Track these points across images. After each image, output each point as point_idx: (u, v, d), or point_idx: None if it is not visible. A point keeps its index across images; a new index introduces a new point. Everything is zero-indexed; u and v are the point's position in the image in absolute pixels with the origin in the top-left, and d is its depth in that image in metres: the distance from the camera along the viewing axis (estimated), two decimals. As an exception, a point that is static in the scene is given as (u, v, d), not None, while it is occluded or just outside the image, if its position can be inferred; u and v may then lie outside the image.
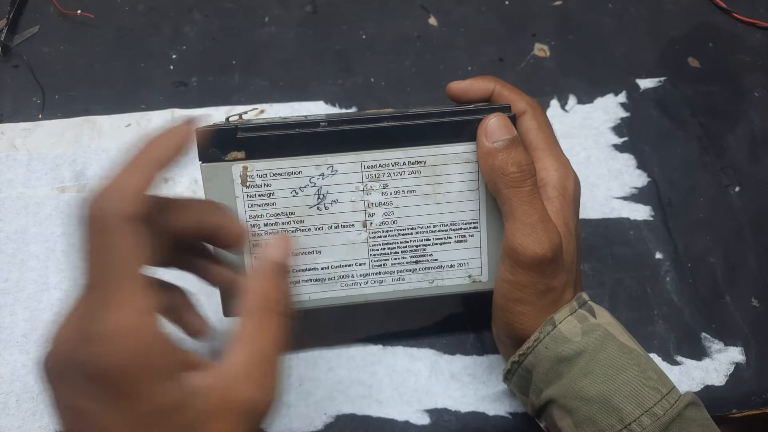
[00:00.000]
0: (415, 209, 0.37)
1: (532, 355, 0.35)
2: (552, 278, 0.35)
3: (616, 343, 0.35)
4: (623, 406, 0.33)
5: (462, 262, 0.39)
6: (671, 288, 0.47)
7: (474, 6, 0.60)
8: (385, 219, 0.37)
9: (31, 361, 0.43)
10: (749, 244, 0.49)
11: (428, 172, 0.37)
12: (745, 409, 0.43)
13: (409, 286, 0.39)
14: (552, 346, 0.34)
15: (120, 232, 0.25)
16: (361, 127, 0.35)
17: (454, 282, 0.39)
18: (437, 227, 0.38)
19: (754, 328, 0.46)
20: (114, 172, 0.27)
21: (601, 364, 0.34)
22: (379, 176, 0.36)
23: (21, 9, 0.57)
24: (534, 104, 0.39)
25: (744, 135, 0.54)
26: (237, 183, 0.35)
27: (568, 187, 0.37)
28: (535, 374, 0.35)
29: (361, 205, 0.37)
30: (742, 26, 0.59)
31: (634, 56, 0.57)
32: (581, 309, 0.36)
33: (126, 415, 0.24)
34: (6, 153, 0.50)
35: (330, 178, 0.36)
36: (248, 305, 0.29)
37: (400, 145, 0.36)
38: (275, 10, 0.59)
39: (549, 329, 0.34)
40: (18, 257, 0.46)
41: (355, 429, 0.41)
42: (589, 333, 0.34)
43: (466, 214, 0.38)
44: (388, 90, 0.55)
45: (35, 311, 0.44)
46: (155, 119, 0.52)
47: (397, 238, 0.38)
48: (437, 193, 0.37)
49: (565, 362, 0.34)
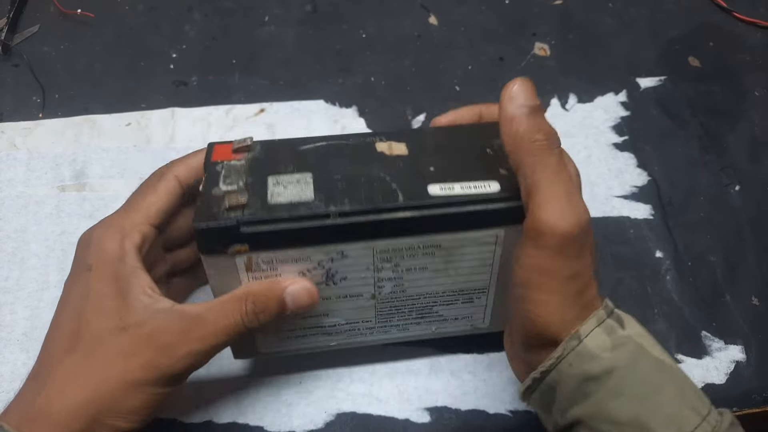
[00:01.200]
0: (425, 281, 0.36)
1: (555, 371, 0.31)
2: (577, 259, 0.31)
3: (649, 359, 0.31)
4: (661, 431, 0.29)
5: (466, 315, 0.39)
6: (671, 287, 0.47)
7: (474, 5, 0.60)
8: (395, 289, 0.36)
9: (32, 359, 0.43)
10: (749, 243, 0.49)
11: (442, 253, 0.35)
12: (746, 407, 0.43)
13: (413, 333, 0.40)
14: (577, 363, 0.30)
15: (165, 180, 0.35)
16: (374, 218, 0.32)
17: (456, 329, 0.40)
18: (446, 293, 0.38)
19: (754, 326, 0.45)
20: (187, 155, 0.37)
21: (633, 384, 0.30)
22: (391, 258, 0.34)
23: (21, 8, 0.57)
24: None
25: (744, 134, 0.54)
26: (241, 270, 0.33)
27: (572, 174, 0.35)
28: (559, 392, 0.31)
29: (371, 281, 0.35)
30: (742, 25, 0.59)
31: (634, 55, 0.57)
32: (609, 318, 0.31)
33: (86, 285, 0.33)
34: (6, 152, 0.50)
35: (340, 262, 0.34)
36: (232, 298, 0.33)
37: (414, 234, 0.33)
38: (275, 9, 0.59)
39: (574, 344, 0.30)
40: (18, 256, 0.46)
41: (355, 427, 0.41)
42: (619, 347, 0.31)
43: (477, 284, 0.37)
44: (388, 89, 0.55)
45: (35, 310, 0.44)
46: (155, 118, 0.52)
47: (405, 303, 0.37)
48: (449, 269, 0.36)
49: (593, 381, 0.30)
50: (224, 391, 0.42)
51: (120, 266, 0.32)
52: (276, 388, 0.42)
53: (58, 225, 0.47)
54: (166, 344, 0.31)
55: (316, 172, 0.34)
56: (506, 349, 0.36)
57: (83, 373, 0.31)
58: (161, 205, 0.35)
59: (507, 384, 0.43)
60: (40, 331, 0.43)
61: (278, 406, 0.42)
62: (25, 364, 0.42)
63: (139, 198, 0.35)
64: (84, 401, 0.30)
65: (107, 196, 0.48)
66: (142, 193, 0.35)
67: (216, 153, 0.35)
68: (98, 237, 0.33)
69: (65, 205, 0.48)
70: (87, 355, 0.31)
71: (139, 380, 0.31)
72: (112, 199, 0.48)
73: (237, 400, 0.42)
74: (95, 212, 0.48)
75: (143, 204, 0.35)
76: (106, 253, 0.33)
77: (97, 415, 0.30)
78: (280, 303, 0.33)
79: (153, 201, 0.35)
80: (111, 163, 0.50)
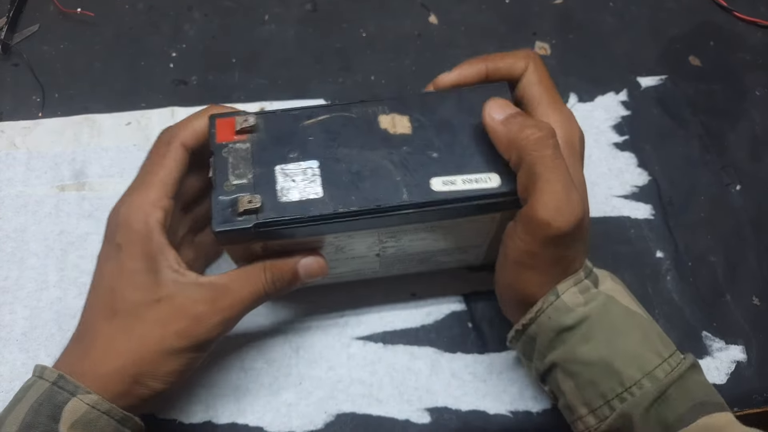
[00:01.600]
0: (426, 245, 0.39)
1: (535, 324, 0.35)
2: (567, 249, 0.34)
3: (618, 308, 0.34)
4: (624, 370, 0.33)
5: (462, 258, 0.42)
6: (672, 287, 0.47)
7: (474, 4, 0.60)
8: (398, 251, 0.39)
9: (31, 359, 0.43)
10: (750, 242, 0.49)
11: (443, 230, 0.37)
12: (747, 407, 0.43)
13: (412, 272, 0.43)
14: (555, 316, 0.34)
15: (173, 149, 0.36)
16: (380, 216, 0.34)
17: (452, 266, 0.44)
18: (444, 250, 0.40)
19: (755, 326, 0.45)
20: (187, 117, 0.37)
21: (602, 330, 0.34)
22: (394, 235, 0.37)
23: (21, 7, 0.57)
24: (532, 56, 0.38)
25: (745, 134, 0.54)
26: (258, 252, 0.36)
27: (574, 142, 0.36)
28: (539, 341, 0.35)
29: (375, 249, 0.39)
30: (743, 25, 0.59)
31: (634, 54, 0.57)
32: (587, 279, 0.35)
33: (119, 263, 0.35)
34: (6, 151, 0.50)
35: (346, 241, 0.37)
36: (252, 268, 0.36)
37: (417, 222, 0.36)
38: (275, 8, 0.58)
39: (552, 299, 0.34)
40: (17, 255, 0.46)
41: (355, 428, 0.41)
42: (590, 302, 0.34)
43: (473, 242, 0.40)
44: (388, 88, 0.55)
45: (35, 309, 0.44)
46: (155, 118, 0.52)
47: (406, 256, 0.40)
48: (448, 237, 0.39)
49: (568, 331, 0.34)
50: (224, 391, 0.42)
51: (148, 244, 0.34)
52: (276, 389, 0.42)
53: (58, 224, 0.47)
54: (198, 314, 0.34)
55: (322, 160, 0.35)
56: (497, 294, 0.38)
57: (124, 340, 0.34)
58: (175, 176, 0.36)
59: (507, 385, 0.43)
60: (40, 331, 0.43)
61: (278, 406, 0.42)
62: (25, 364, 0.42)
63: (152, 172, 0.36)
64: (125, 365, 0.33)
65: (107, 196, 0.48)
66: (154, 166, 0.36)
67: (219, 132, 0.36)
68: (125, 217, 0.35)
69: (65, 204, 0.48)
70: (126, 325, 0.34)
71: (174, 347, 0.34)
72: (112, 198, 0.47)
73: (237, 400, 0.42)
74: (95, 212, 0.48)
75: (157, 179, 0.36)
76: (133, 232, 0.35)
77: (138, 377, 0.34)
78: (294, 273, 0.37)
79: (167, 174, 0.36)
80: (110, 162, 0.50)
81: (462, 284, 0.46)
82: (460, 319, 0.45)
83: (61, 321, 0.44)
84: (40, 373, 0.33)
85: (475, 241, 0.40)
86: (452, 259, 0.42)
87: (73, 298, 0.44)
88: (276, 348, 0.43)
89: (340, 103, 0.37)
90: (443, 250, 0.40)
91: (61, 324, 0.44)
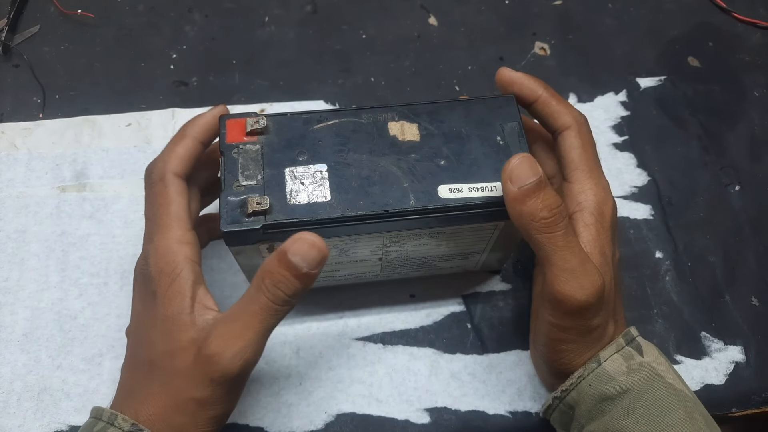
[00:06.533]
0: (428, 249, 0.39)
1: (575, 391, 0.34)
2: (594, 318, 0.34)
3: (662, 384, 0.33)
4: None
5: (461, 264, 0.43)
6: (671, 287, 0.47)
7: (474, 5, 0.60)
8: (400, 255, 0.40)
9: (32, 360, 0.43)
10: (749, 243, 0.49)
11: (446, 236, 0.38)
12: (745, 408, 0.43)
13: (412, 276, 0.44)
14: (596, 384, 0.34)
15: (170, 183, 0.35)
16: (387, 221, 0.35)
17: (451, 271, 0.44)
18: (445, 255, 0.41)
19: (753, 327, 0.46)
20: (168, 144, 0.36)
21: (645, 405, 0.33)
22: (398, 239, 0.37)
23: (21, 8, 0.57)
24: (581, 120, 0.37)
25: (744, 134, 0.54)
26: (264, 253, 0.36)
27: (606, 213, 0.36)
28: (578, 410, 0.35)
29: (379, 253, 0.39)
30: (741, 26, 0.59)
31: (634, 55, 0.57)
32: (628, 346, 0.35)
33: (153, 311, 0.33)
34: (6, 152, 0.50)
35: (351, 245, 0.37)
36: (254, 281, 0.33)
37: (422, 228, 0.36)
38: (275, 9, 0.59)
39: (593, 367, 0.34)
40: (18, 256, 0.46)
41: (355, 428, 0.41)
42: (634, 372, 0.33)
43: (474, 248, 0.41)
44: (387, 90, 0.55)
45: (35, 310, 0.44)
46: (155, 119, 0.52)
47: (407, 260, 0.41)
48: (450, 243, 0.39)
49: (609, 400, 0.33)
50: (224, 392, 0.42)
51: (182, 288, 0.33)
52: (276, 389, 0.42)
53: (59, 225, 0.47)
54: (214, 354, 0.32)
55: (331, 164, 0.35)
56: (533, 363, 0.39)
57: (163, 395, 0.33)
58: (185, 207, 0.35)
59: (506, 385, 0.43)
60: (40, 332, 0.43)
61: (278, 406, 0.42)
62: (25, 365, 0.42)
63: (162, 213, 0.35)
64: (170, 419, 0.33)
65: (107, 197, 0.48)
66: (159, 207, 0.35)
67: (230, 132, 0.36)
68: (155, 266, 0.34)
69: (65, 205, 0.48)
70: (163, 379, 0.33)
71: (204, 398, 0.33)
72: (113, 199, 0.48)
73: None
74: (95, 213, 0.48)
75: (171, 217, 0.34)
76: (165, 276, 0.33)
77: (183, 428, 0.33)
78: (290, 268, 0.32)
79: (177, 208, 0.35)
80: (111, 163, 0.50)
81: (461, 286, 0.46)
82: (460, 320, 0.45)
83: (61, 322, 0.44)
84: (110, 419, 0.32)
85: (475, 248, 0.40)
86: (451, 265, 0.43)
87: (74, 299, 0.45)
88: (276, 349, 0.43)
89: (350, 108, 0.37)
90: (444, 255, 0.41)
91: (61, 325, 0.44)
